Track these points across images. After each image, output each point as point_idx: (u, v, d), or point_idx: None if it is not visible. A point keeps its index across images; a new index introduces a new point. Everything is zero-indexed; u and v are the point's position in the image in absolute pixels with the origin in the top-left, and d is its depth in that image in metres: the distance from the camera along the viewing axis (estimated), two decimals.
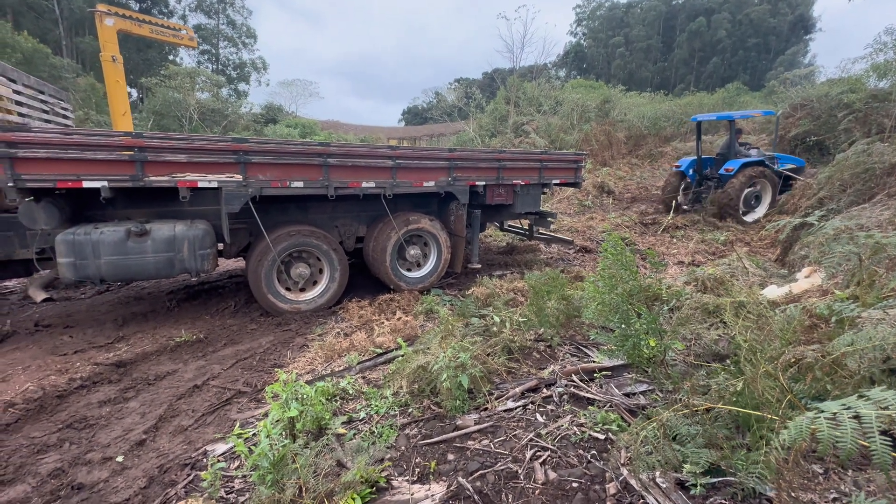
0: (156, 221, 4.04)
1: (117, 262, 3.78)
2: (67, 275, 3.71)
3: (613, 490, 1.96)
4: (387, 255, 5.10)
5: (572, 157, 6.53)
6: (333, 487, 2.00)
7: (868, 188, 6.31)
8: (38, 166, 3.41)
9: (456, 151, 5.29)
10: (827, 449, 0.90)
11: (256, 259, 4.51)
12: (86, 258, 3.68)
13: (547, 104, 19.07)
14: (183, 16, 37.33)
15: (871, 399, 0.94)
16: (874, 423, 0.87)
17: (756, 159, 9.04)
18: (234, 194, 4.06)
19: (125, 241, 3.78)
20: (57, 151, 3.44)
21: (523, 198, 6.03)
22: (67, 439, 2.71)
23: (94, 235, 3.70)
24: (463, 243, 5.67)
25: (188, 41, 8.86)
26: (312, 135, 24.22)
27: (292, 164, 4.31)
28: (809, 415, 0.97)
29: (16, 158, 3.32)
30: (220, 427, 2.88)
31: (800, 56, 39.46)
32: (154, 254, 3.89)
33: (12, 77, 4.17)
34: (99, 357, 3.78)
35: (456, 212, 5.57)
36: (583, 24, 53.46)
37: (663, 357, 2.60)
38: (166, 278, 4.66)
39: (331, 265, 4.88)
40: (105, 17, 7.68)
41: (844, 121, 11.72)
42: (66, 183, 3.53)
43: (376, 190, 4.78)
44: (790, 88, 17.33)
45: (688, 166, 9.95)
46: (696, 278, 4.53)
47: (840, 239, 3.13)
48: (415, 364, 3.01)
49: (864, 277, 2.64)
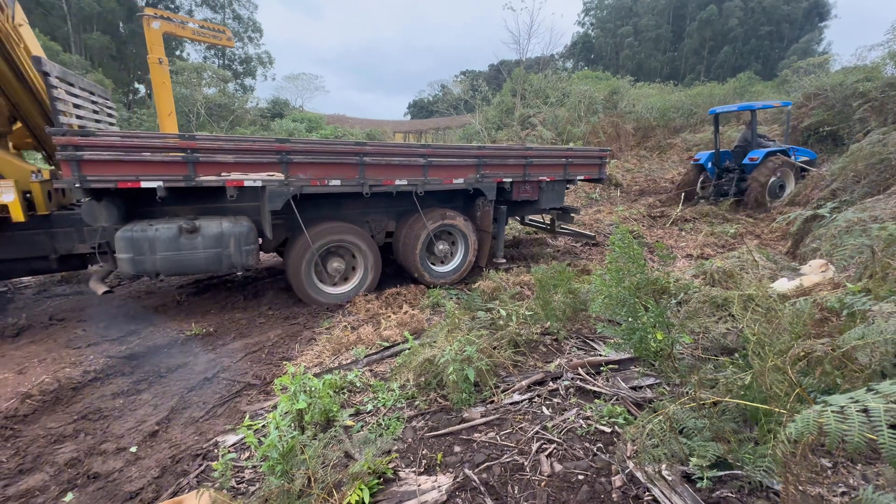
0: (202, 218, 4.21)
1: (171, 257, 3.97)
2: (127, 269, 3.90)
3: (619, 483, 1.97)
4: (417, 250, 5.21)
5: (597, 153, 6.53)
6: (341, 478, 2.03)
7: (883, 179, 6.17)
8: (102, 168, 3.59)
9: (485, 149, 5.37)
10: (835, 443, 0.90)
11: (297, 255, 4.64)
12: (143, 254, 3.88)
13: (554, 96, 18.84)
14: (189, 10, 37.41)
15: (879, 392, 0.93)
16: (882, 417, 0.86)
17: (779, 148, 8.95)
18: (277, 192, 4.22)
19: (178, 237, 3.96)
20: (119, 154, 3.62)
21: (548, 193, 6.11)
22: (83, 430, 2.78)
23: (149, 232, 3.88)
24: (489, 238, 5.76)
25: (227, 41, 9.14)
26: (319, 129, 24.20)
27: (330, 164, 4.46)
28: (817, 408, 0.96)
29: (82, 161, 3.50)
30: (231, 419, 2.93)
31: (814, 44, 38.43)
32: (204, 249, 4.08)
33: (70, 81, 4.35)
34: (112, 350, 3.85)
35: (482, 208, 5.65)
36: (591, 13, 52.58)
37: (671, 351, 2.59)
38: (215, 273, 4.92)
39: (365, 259, 5.04)
40: (152, 20, 7.97)
41: (859, 110, 11.43)
42: (127, 183, 3.71)
43: (408, 187, 4.91)
44: (803, 77, 16.94)
45: (706, 159, 9.85)
46: (705, 271, 4.49)
47: (853, 231, 3.07)
48: (421, 357, 3.03)
49: (878, 270, 2.60)
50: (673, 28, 45.51)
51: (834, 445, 0.90)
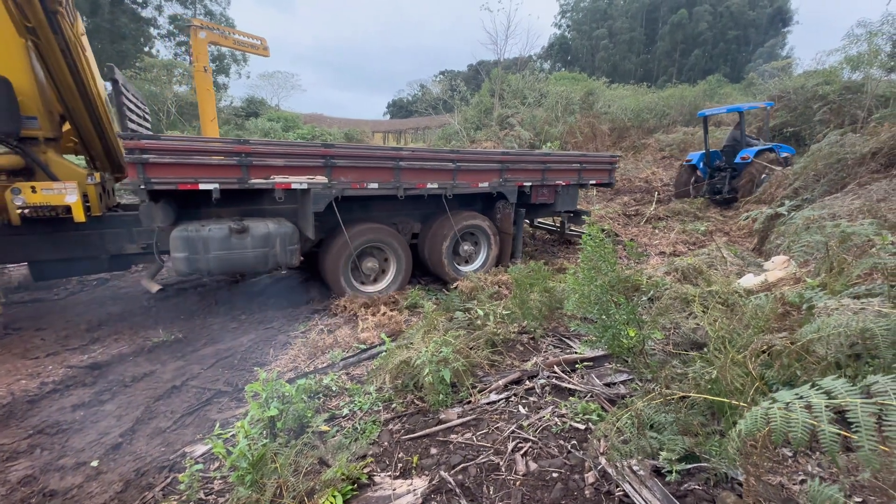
0: (248, 219, 4.31)
1: (223, 256, 4.10)
2: (181, 268, 4.01)
3: (592, 479, 1.99)
4: (444, 250, 5.43)
5: (608, 159, 6.88)
6: (314, 486, 1.98)
7: (840, 178, 6.48)
8: (165, 170, 3.73)
9: (508, 154, 5.65)
10: (780, 438, 0.93)
11: (335, 255, 4.80)
12: (197, 253, 4.01)
13: (531, 96, 19.05)
14: (158, 6, 36.08)
15: (821, 388, 0.97)
16: (823, 412, 0.90)
17: (766, 146, 9.35)
18: (321, 195, 4.39)
19: (229, 237, 4.11)
20: (180, 157, 3.75)
21: (563, 197, 6.42)
22: (39, 445, 2.63)
23: (203, 232, 4.01)
24: (510, 239, 6.05)
25: (262, 51, 9.50)
26: (295, 129, 23.75)
27: (369, 168, 4.63)
28: (765, 404, 1.00)
29: (147, 164, 3.64)
30: (200, 428, 2.83)
31: (778, 48, 40.17)
32: (253, 249, 4.22)
33: (128, 88, 4.58)
34: (73, 360, 3.67)
35: (503, 210, 5.92)
36: (567, 15, 53.38)
37: (642, 347, 2.64)
38: (262, 272, 5.09)
39: (398, 259, 5.23)
40: (199, 30, 8.30)
41: (819, 112, 12.02)
42: (186, 185, 3.83)
43: (438, 190, 5.13)
44: (768, 80, 17.66)
45: (698, 160, 10.22)
46: (676, 268, 4.61)
47: (810, 228, 3.22)
48: (398, 359, 3.00)
49: (834, 265, 2.72)
50: (646, 31, 46.72)
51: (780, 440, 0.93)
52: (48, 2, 3.76)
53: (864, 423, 0.84)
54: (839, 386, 0.94)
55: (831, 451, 0.87)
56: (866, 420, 0.84)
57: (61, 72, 4.11)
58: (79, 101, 4.38)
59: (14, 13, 3.76)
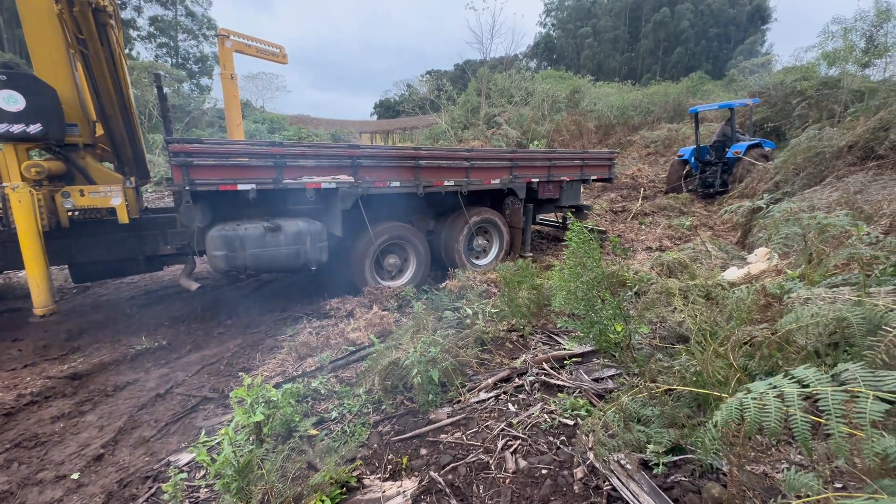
0: (279, 219, 4.43)
1: (259, 254, 4.24)
2: (220, 265, 4.16)
3: (581, 474, 2.00)
4: (460, 245, 5.68)
5: (607, 156, 7.27)
6: (301, 490, 1.95)
7: (819, 171, 6.63)
8: (207, 172, 3.87)
9: (517, 152, 5.97)
10: (753, 428, 0.94)
11: (360, 251, 4.99)
12: (235, 251, 4.15)
13: (518, 95, 19.13)
14: (137, 7, 35.31)
15: (794, 377, 0.99)
16: (796, 401, 0.91)
17: (753, 141, 9.55)
18: (348, 194, 4.59)
19: (264, 235, 4.25)
20: (221, 159, 3.90)
21: (568, 192, 6.75)
22: (16, 459, 2.55)
23: (240, 231, 4.17)
24: (519, 233, 6.34)
25: (282, 58, 9.82)
26: (281, 130, 23.49)
27: (391, 167, 4.86)
28: (739, 395, 1.01)
29: (191, 166, 3.77)
30: (186, 436, 2.78)
31: (758, 45, 40.92)
32: (286, 246, 4.36)
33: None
34: (52, 370, 3.57)
35: (512, 206, 6.21)
36: (552, 14, 53.67)
37: (629, 341, 2.67)
38: (294, 269, 5.21)
39: (417, 255, 5.46)
40: (226, 39, 8.60)
41: (798, 107, 12.27)
42: (227, 186, 3.96)
43: (454, 187, 5.35)
44: (749, 77, 17.99)
45: (689, 155, 10.41)
46: (662, 263, 4.66)
47: (788, 221, 3.29)
48: (387, 360, 2.98)
49: (812, 256, 2.78)
50: (629, 29, 47.26)
51: (753, 431, 0.95)
52: (101, 15, 3.91)
53: (835, 410, 0.86)
54: (811, 374, 0.96)
55: (803, 439, 0.88)
56: (837, 407, 0.86)
57: (104, 81, 4.23)
58: (117, 109, 4.48)
59: (69, 26, 3.92)
